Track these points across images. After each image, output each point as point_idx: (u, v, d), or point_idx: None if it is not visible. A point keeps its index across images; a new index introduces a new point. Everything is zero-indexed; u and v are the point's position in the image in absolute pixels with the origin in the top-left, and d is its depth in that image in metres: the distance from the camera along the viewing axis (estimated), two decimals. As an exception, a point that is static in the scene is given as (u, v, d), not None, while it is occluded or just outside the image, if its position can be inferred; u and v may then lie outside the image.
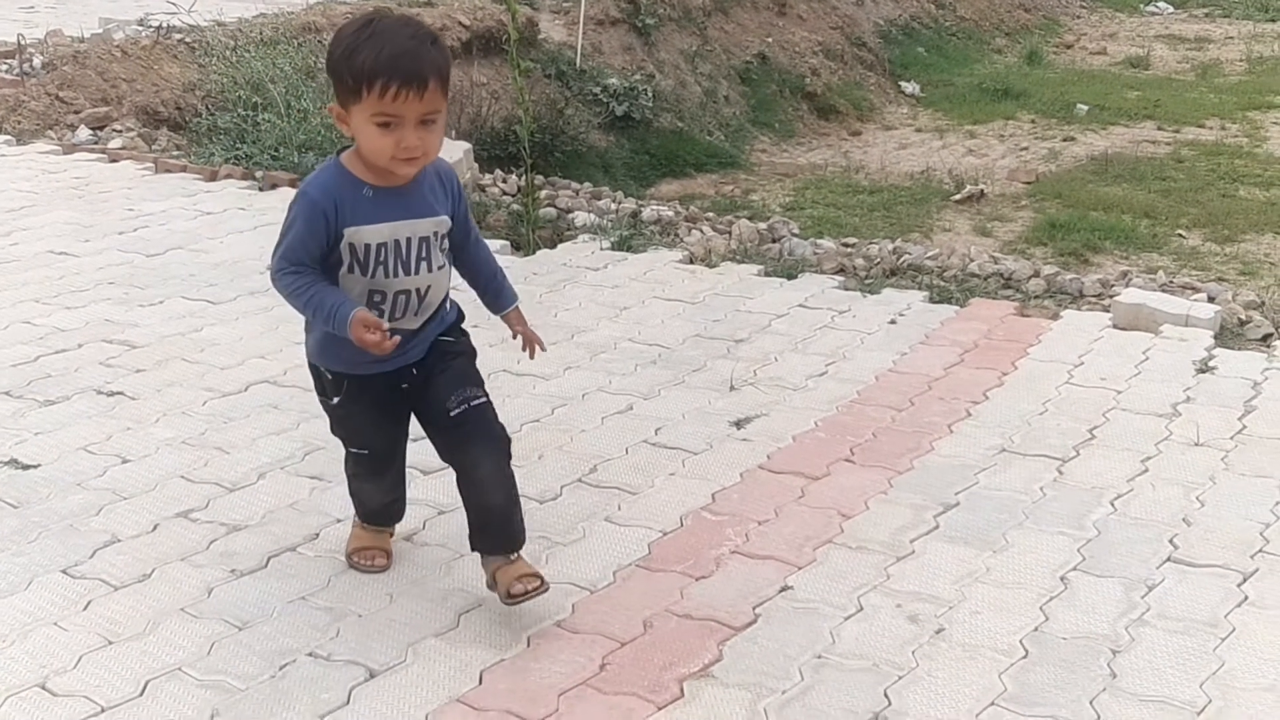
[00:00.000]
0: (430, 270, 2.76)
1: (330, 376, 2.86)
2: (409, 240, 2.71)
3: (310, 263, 2.66)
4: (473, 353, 2.93)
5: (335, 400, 2.89)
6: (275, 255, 2.70)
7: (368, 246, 2.67)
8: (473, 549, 2.90)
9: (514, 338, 3.03)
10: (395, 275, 2.71)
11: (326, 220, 2.64)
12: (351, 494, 3.09)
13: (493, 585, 2.85)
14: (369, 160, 2.64)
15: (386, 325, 2.63)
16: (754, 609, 2.95)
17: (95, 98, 7.92)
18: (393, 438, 2.98)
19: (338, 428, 2.99)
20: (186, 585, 3.03)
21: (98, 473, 3.57)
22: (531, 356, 3.01)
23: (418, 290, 2.75)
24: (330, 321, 2.63)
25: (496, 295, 3.01)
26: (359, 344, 2.59)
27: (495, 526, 2.84)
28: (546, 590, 2.80)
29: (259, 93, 7.37)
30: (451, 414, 2.81)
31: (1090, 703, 2.63)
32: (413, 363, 2.84)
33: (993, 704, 2.62)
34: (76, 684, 2.67)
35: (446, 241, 2.81)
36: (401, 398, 2.88)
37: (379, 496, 3.07)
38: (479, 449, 2.82)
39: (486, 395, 2.86)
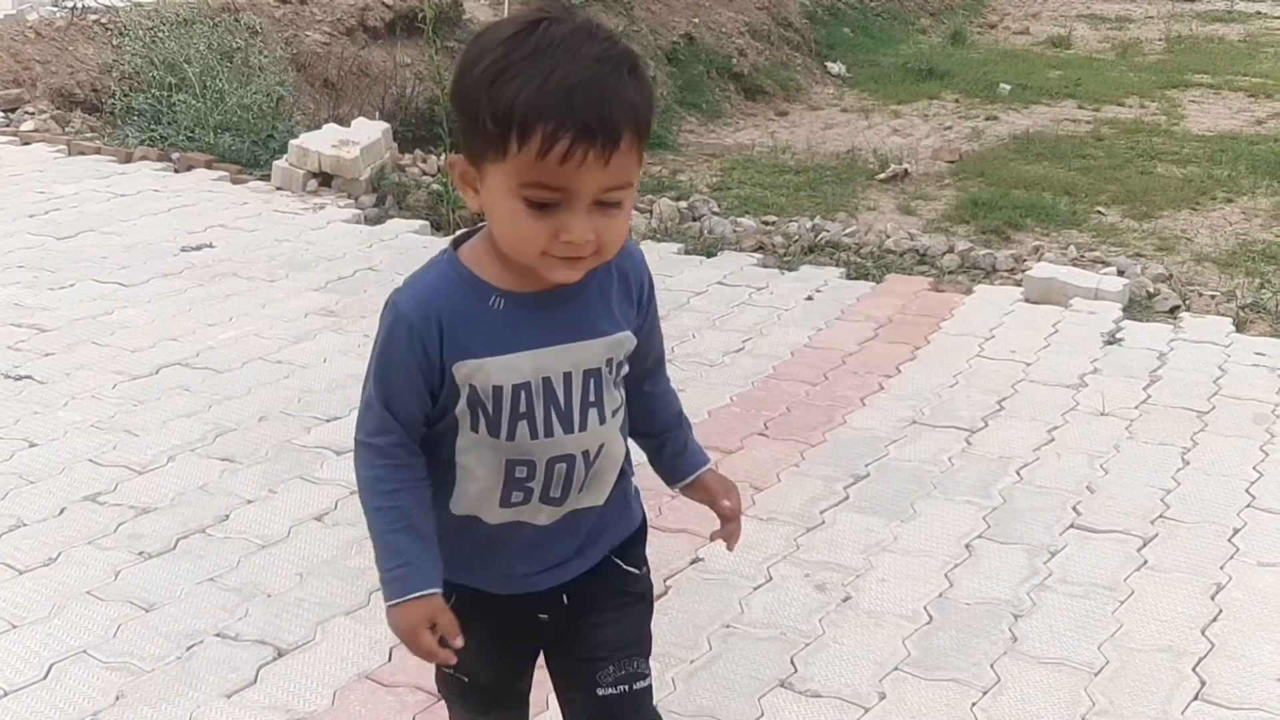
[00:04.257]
0: (602, 421, 1.70)
1: None
2: (566, 377, 1.67)
3: (408, 423, 1.66)
4: (651, 595, 1.92)
5: None
6: (361, 405, 1.70)
7: (498, 390, 1.63)
8: None
9: (721, 521, 1.95)
10: (548, 434, 1.67)
11: (426, 353, 1.62)
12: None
13: None
14: (505, 252, 1.60)
15: (459, 642, 1.69)
16: (665, 581, 2.98)
17: (7, 80, 7.77)
18: (513, 672, 1.93)
19: None
20: (93, 568, 3.00)
21: (4, 457, 3.52)
22: (733, 545, 1.96)
23: (585, 454, 1.70)
24: (382, 583, 1.69)
25: (680, 453, 1.93)
26: (406, 644, 1.69)
27: None
28: None
29: (175, 74, 7.27)
30: (600, 693, 1.81)
31: (991, 665, 2.68)
32: (568, 583, 1.79)
33: (896, 669, 2.67)
34: (-22, 669, 2.64)
35: (623, 370, 1.75)
36: (533, 630, 1.84)
37: None
38: None
39: (649, 669, 1.87)
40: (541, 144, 1.47)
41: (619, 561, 1.84)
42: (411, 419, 1.66)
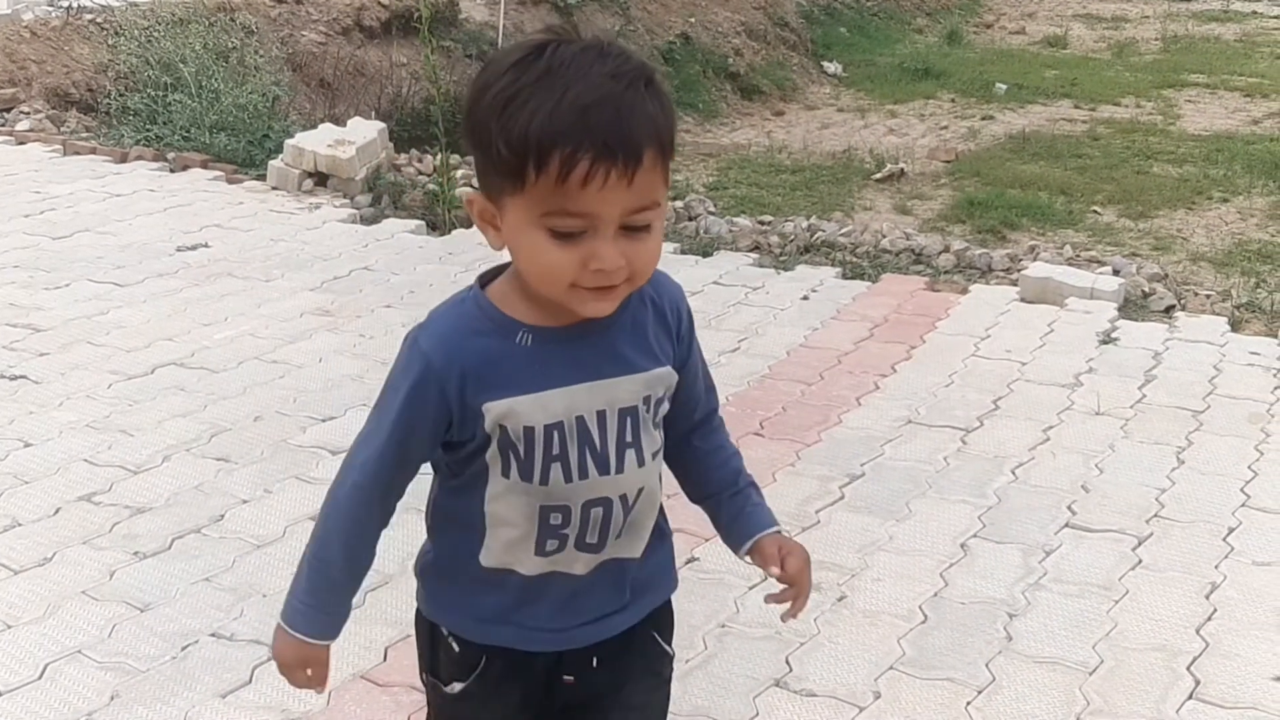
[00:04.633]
0: (641, 463, 1.59)
1: (457, 649, 1.66)
2: (601, 416, 1.56)
3: (403, 462, 1.58)
4: (670, 679, 1.80)
5: (455, 688, 1.67)
6: (355, 439, 1.61)
7: (529, 432, 1.53)
8: None
9: (780, 580, 1.75)
10: (583, 476, 1.56)
11: (444, 395, 1.52)
12: None
13: None
14: (533, 287, 1.51)
15: (325, 690, 1.72)
16: (660, 581, 2.98)
17: (2, 79, 7.76)
18: None
19: None
20: (88, 568, 3.00)
21: (-1, 457, 3.53)
22: (793, 614, 1.77)
23: (623, 498, 1.59)
24: (286, 600, 1.66)
25: (737, 516, 1.77)
26: (279, 667, 1.68)
27: None
28: None
29: (170, 73, 7.26)
30: None
31: (986, 665, 2.68)
32: (601, 644, 1.65)
33: (891, 668, 2.67)
34: (-27, 669, 2.64)
35: (663, 410, 1.62)
36: (555, 698, 1.68)
37: None
38: None
39: None
40: (560, 168, 1.38)
41: (657, 637, 1.73)
42: (408, 460, 1.58)
